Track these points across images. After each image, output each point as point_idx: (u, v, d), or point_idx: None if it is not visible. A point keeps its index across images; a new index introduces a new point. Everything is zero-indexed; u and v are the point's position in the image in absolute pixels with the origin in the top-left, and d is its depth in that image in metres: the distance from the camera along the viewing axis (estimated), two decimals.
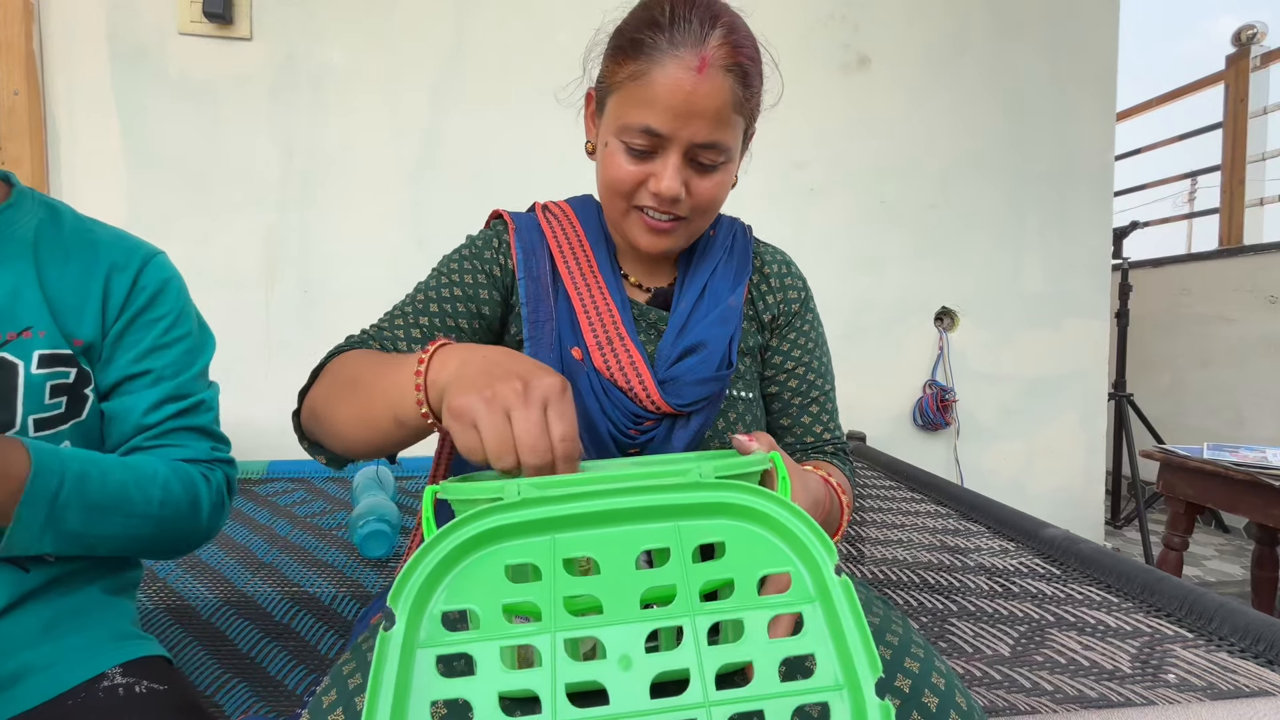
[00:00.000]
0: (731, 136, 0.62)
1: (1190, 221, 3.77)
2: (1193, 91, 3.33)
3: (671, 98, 0.57)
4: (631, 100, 0.60)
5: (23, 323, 0.56)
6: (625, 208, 0.64)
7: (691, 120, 0.58)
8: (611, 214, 0.67)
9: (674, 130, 0.59)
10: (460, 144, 1.91)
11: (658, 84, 0.58)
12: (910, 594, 1.03)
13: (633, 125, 0.59)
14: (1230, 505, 1.60)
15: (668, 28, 0.58)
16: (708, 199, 0.63)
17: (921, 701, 0.44)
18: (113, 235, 0.65)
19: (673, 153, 0.60)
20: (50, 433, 0.57)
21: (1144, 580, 0.97)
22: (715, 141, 0.60)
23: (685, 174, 0.61)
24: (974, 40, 2.18)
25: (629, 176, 0.62)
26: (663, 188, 0.60)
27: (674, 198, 0.61)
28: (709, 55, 0.57)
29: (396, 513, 1.22)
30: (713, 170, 0.62)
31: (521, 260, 0.68)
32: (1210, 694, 0.72)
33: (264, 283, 1.84)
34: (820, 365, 0.74)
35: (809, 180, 2.12)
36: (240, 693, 0.80)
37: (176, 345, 0.66)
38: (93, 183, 1.72)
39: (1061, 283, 2.27)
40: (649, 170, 0.61)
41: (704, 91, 0.57)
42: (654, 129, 0.59)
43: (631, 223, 0.65)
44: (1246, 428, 2.73)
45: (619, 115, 0.61)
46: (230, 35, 1.77)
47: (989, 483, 2.22)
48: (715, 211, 0.67)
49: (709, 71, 0.57)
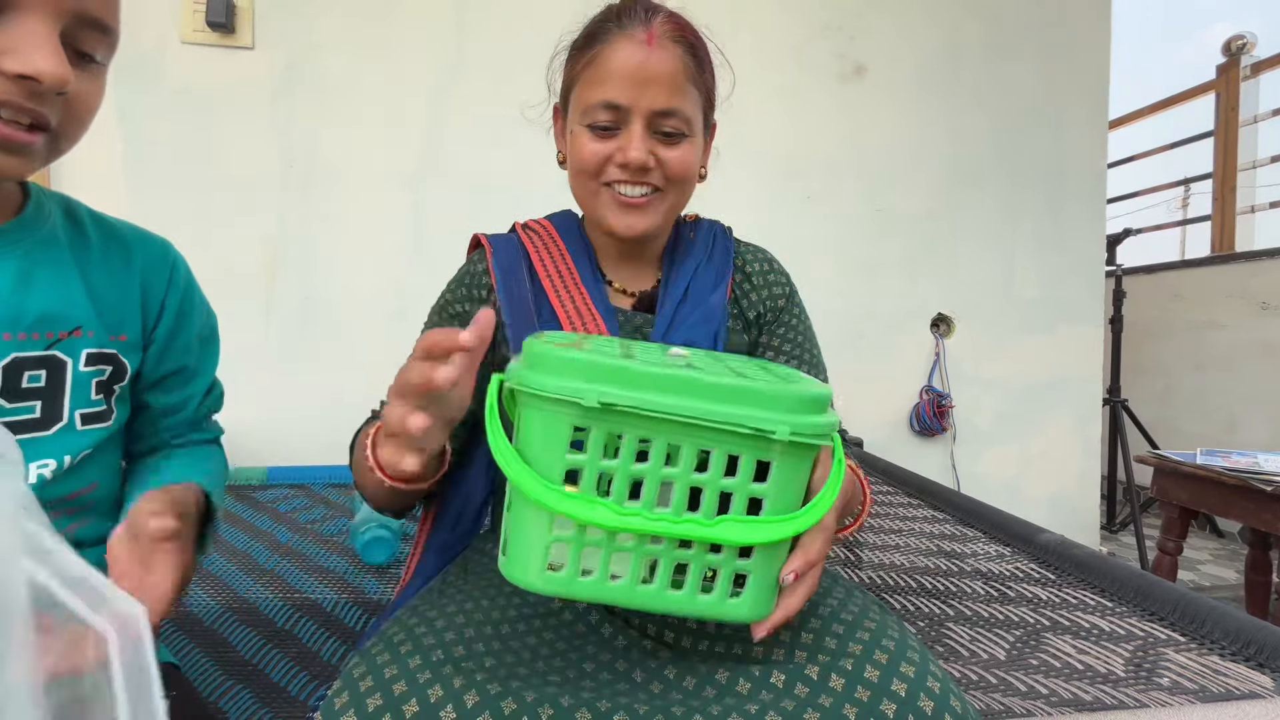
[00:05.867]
0: (689, 105, 0.64)
1: (1183, 228, 3.80)
2: (1184, 100, 3.37)
3: (625, 68, 0.62)
4: (590, 83, 0.64)
5: (73, 322, 0.56)
6: (595, 188, 0.66)
7: (648, 87, 0.62)
8: (584, 199, 0.68)
9: (633, 100, 0.62)
10: (459, 151, 1.92)
11: (612, 61, 0.62)
12: (907, 599, 1.04)
13: (594, 104, 0.63)
14: (1223, 510, 1.61)
15: (616, 18, 0.64)
16: (677, 168, 0.65)
17: (917, 705, 0.45)
18: (131, 230, 0.65)
19: (635, 122, 0.63)
20: (94, 428, 0.58)
21: (1137, 585, 0.98)
22: (674, 108, 0.63)
23: (650, 143, 0.63)
24: (968, 50, 2.21)
25: (596, 154, 0.64)
26: (630, 155, 0.63)
27: (642, 164, 0.63)
28: (655, 29, 0.63)
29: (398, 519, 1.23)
30: (677, 140, 0.64)
31: (500, 281, 0.70)
32: (1202, 696, 0.74)
33: (264, 288, 1.85)
34: (812, 357, 0.75)
35: (805, 188, 2.14)
36: (244, 699, 0.80)
37: (210, 338, 0.69)
38: (94, 190, 1.73)
39: (1056, 289, 2.30)
40: (615, 145, 0.64)
41: (655, 59, 0.62)
42: (614, 101, 0.62)
43: (603, 203, 0.66)
44: (1239, 432, 2.76)
45: (581, 102, 0.65)
46: (232, 44, 1.78)
47: (985, 487, 2.24)
48: (687, 186, 0.68)
49: (658, 41, 0.62)
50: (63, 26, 0.46)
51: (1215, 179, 3.13)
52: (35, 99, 0.45)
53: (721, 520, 0.41)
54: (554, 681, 0.49)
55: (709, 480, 0.42)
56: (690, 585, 0.43)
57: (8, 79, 0.44)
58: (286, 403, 1.84)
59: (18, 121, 0.46)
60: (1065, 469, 2.33)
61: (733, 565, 0.43)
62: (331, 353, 1.87)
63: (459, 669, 0.47)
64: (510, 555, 0.44)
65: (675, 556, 0.42)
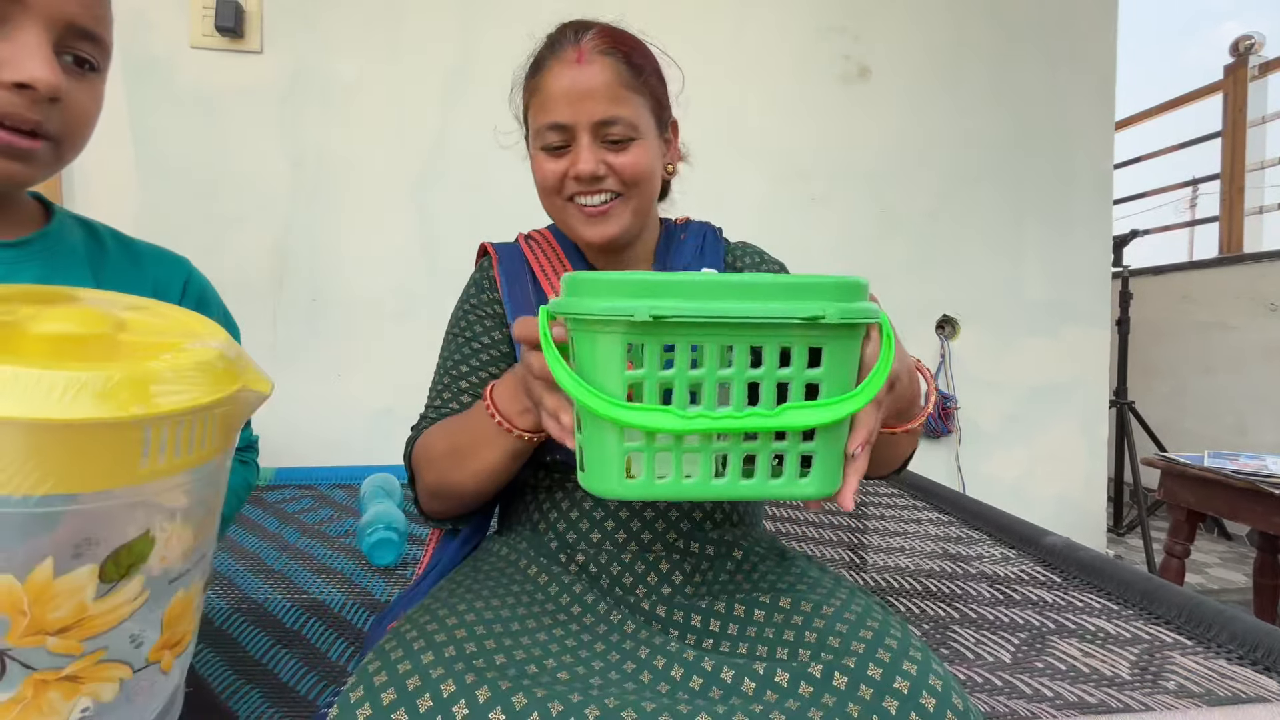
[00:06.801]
0: (630, 111, 0.67)
1: (1190, 229, 3.78)
2: (1192, 100, 3.36)
3: (561, 89, 0.66)
4: (537, 109, 0.69)
5: None
6: (560, 204, 0.70)
7: (584, 102, 0.66)
8: (556, 216, 0.72)
9: (573, 117, 0.66)
10: (466, 154, 1.93)
11: (551, 85, 0.67)
12: (912, 601, 1.04)
13: (543, 126, 0.68)
14: (1232, 513, 1.60)
15: (551, 46, 0.69)
16: (630, 172, 0.68)
17: (919, 703, 0.46)
18: (149, 247, 0.67)
19: (581, 136, 0.66)
20: None
21: (1143, 588, 0.98)
22: (614, 116, 0.66)
23: (599, 153, 0.67)
24: (973, 50, 2.21)
25: (552, 173, 0.68)
26: (580, 168, 0.66)
27: (592, 174, 0.66)
28: (585, 47, 0.67)
29: (404, 520, 1.24)
30: (625, 145, 0.67)
31: (505, 288, 0.75)
32: (1208, 700, 0.73)
33: (272, 290, 1.86)
34: None
35: (810, 190, 2.14)
36: (253, 699, 0.81)
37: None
38: (105, 192, 1.75)
39: (1062, 290, 2.29)
40: (568, 161, 0.67)
41: (587, 75, 0.66)
42: (558, 121, 0.66)
43: (570, 217, 0.70)
44: (1248, 435, 2.74)
45: (534, 127, 0.69)
46: (241, 49, 1.80)
47: (990, 489, 2.23)
48: (646, 186, 0.70)
49: (587, 57, 0.66)
50: (55, 37, 0.49)
51: (1223, 180, 3.12)
52: (33, 107, 0.49)
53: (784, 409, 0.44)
54: (563, 680, 0.49)
55: (765, 374, 0.44)
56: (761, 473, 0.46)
57: (6, 89, 0.47)
58: (294, 403, 1.86)
59: (18, 129, 0.49)
60: (1071, 471, 2.32)
61: (798, 449, 0.46)
62: (338, 354, 1.89)
63: (471, 665, 0.48)
64: (589, 470, 0.47)
65: (743, 449, 0.45)
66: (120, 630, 0.37)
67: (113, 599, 0.36)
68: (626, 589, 0.63)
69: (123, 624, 0.37)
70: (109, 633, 0.37)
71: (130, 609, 0.37)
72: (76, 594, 0.34)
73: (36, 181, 0.54)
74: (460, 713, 0.44)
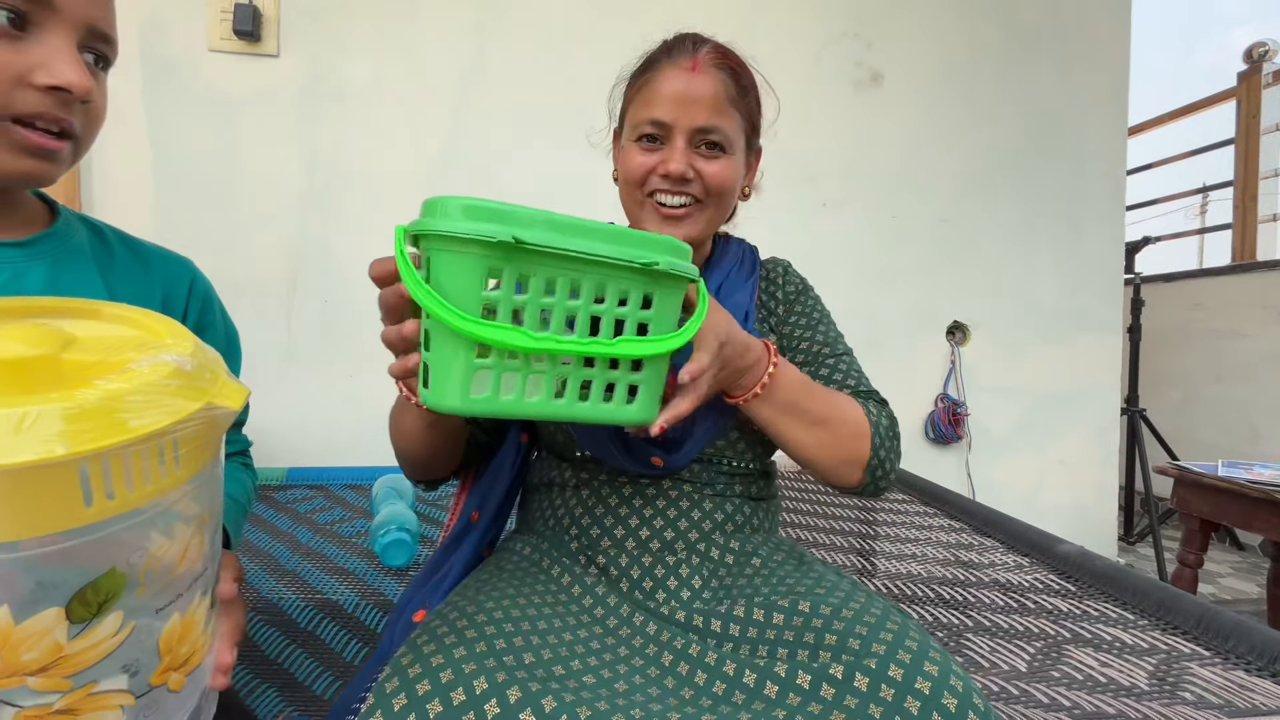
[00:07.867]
0: (730, 125, 0.70)
1: (1202, 237, 3.76)
2: (1205, 107, 3.34)
3: (671, 91, 0.69)
4: (641, 104, 0.71)
5: None
6: (641, 198, 0.72)
7: (689, 107, 0.68)
8: (631, 210, 0.74)
9: (676, 117, 0.68)
10: (480, 158, 1.94)
11: (661, 85, 0.69)
12: (925, 609, 1.04)
13: (642, 121, 0.70)
14: (1245, 523, 1.59)
15: (667, 51, 0.72)
16: (716, 181, 0.69)
17: (941, 703, 0.46)
18: (154, 248, 0.67)
19: (678, 137, 0.69)
20: None
21: (1159, 597, 0.98)
22: (714, 126, 0.68)
23: (691, 157, 0.69)
24: (985, 56, 2.21)
25: (641, 165, 0.70)
26: (671, 166, 0.68)
27: (681, 174, 0.68)
28: (700, 58, 0.70)
29: (416, 522, 1.24)
30: (715, 155, 0.70)
31: None
32: (1228, 712, 0.73)
33: (285, 292, 1.87)
34: (827, 332, 0.79)
35: (822, 195, 2.14)
36: (270, 697, 0.82)
37: (231, 350, 0.70)
38: (122, 194, 1.77)
39: (1073, 297, 2.28)
40: (659, 158, 0.69)
41: (698, 83, 0.68)
42: (659, 119, 0.69)
43: (647, 213, 0.72)
44: (1261, 444, 2.72)
45: (632, 121, 0.72)
46: (258, 52, 1.82)
47: (1000, 497, 2.22)
48: (725, 199, 0.72)
49: (701, 68, 0.69)
50: (79, 39, 0.51)
51: (1236, 187, 3.10)
52: (64, 108, 0.50)
53: (620, 340, 0.51)
54: (589, 684, 0.50)
55: (607, 309, 0.51)
56: (594, 397, 0.52)
57: (40, 91, 0.49)
58: (306, 404, 1.86)
59: (49, 130, 0.50)
60: (1082, 479, 2.31)
61: (627, 378, 0.53)
62: (350, 355, 1.90)
63: (502, 663, 0.48)
64: (433, 385, 0.48)
65: (581, 375, 0.51)
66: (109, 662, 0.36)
67: (89, 637, 0.34)
68: (647, 593, 0.63)
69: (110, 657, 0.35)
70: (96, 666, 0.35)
71: (113, 643, 0.35)
72: (45, 636, 0.33)
73: (56, 179, 0.55)
74: (491, 711, 0.45)
